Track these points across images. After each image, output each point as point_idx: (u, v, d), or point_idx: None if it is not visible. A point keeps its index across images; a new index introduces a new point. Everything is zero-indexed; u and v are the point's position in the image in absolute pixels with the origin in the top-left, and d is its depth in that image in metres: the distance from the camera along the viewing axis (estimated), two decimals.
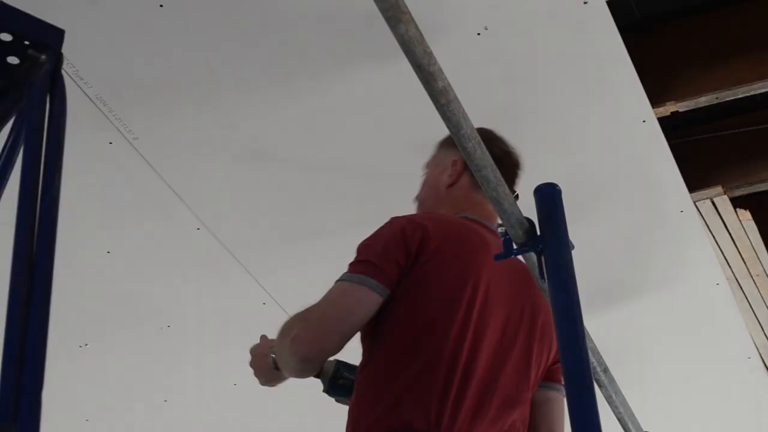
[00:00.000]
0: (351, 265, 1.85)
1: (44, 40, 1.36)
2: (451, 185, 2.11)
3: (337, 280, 1.83)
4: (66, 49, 1.38)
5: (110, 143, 2.70)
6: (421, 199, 2.18)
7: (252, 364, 1.98)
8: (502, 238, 1.62)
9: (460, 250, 1.89)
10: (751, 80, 2.76)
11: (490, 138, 1.99)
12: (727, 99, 2.83)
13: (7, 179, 1.37)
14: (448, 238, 1.89)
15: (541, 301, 2.00)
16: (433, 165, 2.18)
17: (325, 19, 2.41)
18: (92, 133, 2.65)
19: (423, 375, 1.77)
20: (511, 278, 1.94)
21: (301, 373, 1.85)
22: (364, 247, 1.87)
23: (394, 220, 1.91)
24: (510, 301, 1.93)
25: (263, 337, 2.02)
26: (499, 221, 1.72)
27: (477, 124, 1.51)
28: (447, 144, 2.15)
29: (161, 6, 2.34)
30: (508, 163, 2.07)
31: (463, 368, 1.80)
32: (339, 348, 1.79)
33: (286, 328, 1.85)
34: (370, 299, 1.79)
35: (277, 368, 1.90)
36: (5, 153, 1.36)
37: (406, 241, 1.85)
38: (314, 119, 2.71)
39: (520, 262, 1.83)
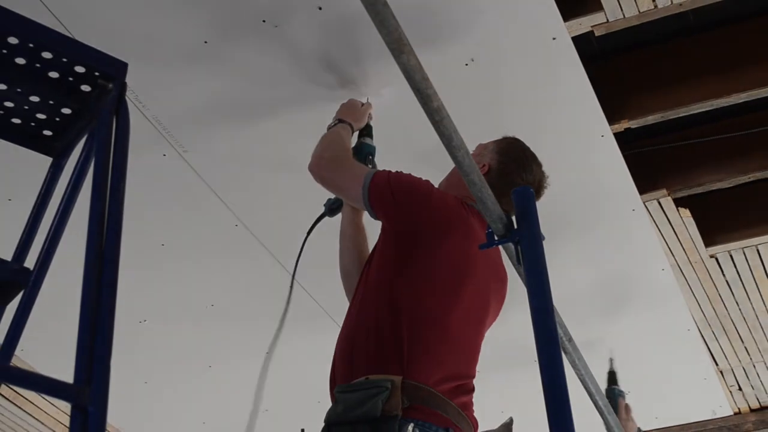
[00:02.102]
0: (382, 171, 1.94)
1: (111, 72, 1.37)
2: None
3: (366, 170, 1.97)
4: (128, 78, 1.38)
5: (164, 155, 2.71)
6: (449, 174, 2.16)
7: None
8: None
9: (450, 223, 1.86)
10: (691, 102, 2.76)
11: (530, 165, 2.08)
12: (671, 117, 2.83)
13: (82, 185, 1.38)
14: (447, 216, 1.87)
15: (502, 276, 1.98)
16: (473, 154, 2.09)
17: (340, 52, 2.41)
18: (149, 147, 2.65)
19: (404, 334, 1.73)
20: (484, 254, 1.89)
21: None
22: (395, 175, 1.92)
23: (425, 182, 1.93)
24: (483, 271, 1.90)
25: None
26: None
27: (465, 138, 1.51)
28: (494, 147, 2.12)
29: (206, 42, 2.35)
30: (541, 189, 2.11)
31: (441, 327, 1.77)
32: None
33: (321, 143, 2.15)
34: (357, 195, 1.91)
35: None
36: (80, 164, 1.37)
37: (412, 200, 1.86)
38: None
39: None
